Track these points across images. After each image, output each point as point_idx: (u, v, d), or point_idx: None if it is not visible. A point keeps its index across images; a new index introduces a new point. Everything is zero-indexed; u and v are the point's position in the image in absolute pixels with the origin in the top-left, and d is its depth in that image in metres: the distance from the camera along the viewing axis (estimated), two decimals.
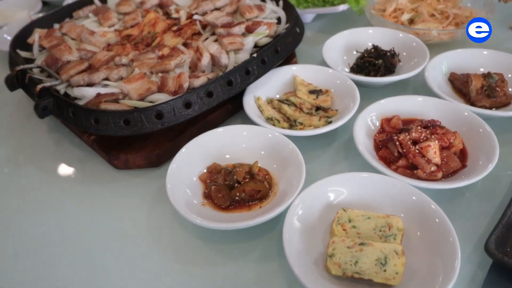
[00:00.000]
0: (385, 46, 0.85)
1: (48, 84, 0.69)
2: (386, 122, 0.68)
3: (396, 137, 0.62)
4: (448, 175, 0.60)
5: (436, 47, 0.86)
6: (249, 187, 0.59)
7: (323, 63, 0.82)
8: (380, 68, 0.81)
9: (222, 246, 0.57)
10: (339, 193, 0.57)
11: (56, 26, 0.92)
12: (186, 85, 0.68)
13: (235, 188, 0.59)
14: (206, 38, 0.85)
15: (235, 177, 0.60)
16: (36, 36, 0.85)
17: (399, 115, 0.68)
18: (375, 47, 0.84)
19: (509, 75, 0.76)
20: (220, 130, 0.67)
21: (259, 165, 0.62)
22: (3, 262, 0.58)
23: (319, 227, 0.55)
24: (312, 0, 0.99)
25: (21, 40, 0.85)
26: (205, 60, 0.73)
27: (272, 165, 0.63)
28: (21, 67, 0.73)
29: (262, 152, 0.65)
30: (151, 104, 0.65)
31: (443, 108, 0.69)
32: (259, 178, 0.60)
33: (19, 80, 0.74)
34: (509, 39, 0.92)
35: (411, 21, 0.96)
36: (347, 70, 0.85)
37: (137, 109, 0.64)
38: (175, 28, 0.90)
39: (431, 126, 0.64)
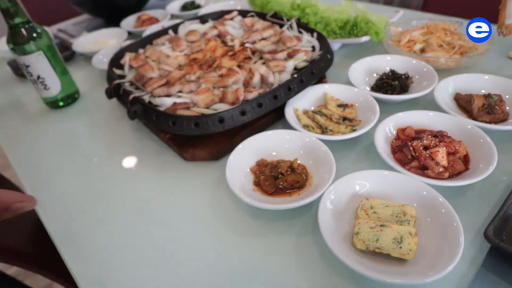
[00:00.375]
0: (400, 70, 0.86)
1: (137, 94, 0.74)
2: (401, 131, 0.69)
3: (410, 143, 0.63)
4: (453, 175, 0.60)
5: (443, 72, 0.86)
6: (290, 178, 0.61)
7: (349, 83, 0.83)
8: (396, 88, 0.81)
9: (268, 222, 0.59)
10: (363, 186, 0.59)
11: (141, 51, 0.98)
12: (241, 98, 0.72)
13: (279, 178, 0.62)
14: (255, 62, 0.89)
15: (279, 170, 0.63)
16: (127, 58, 0.91)
17: (412, 126, 0.69)
18: (392, 71, 0.85)
19: (507, 96, 0.75)
20: (269, 133, 0.70)
21: (298, 161, 0.64)
22: (93, 229, 0.63)
23: (346, 212, 0.56)
24: (340, 33, 1.00)
25: (115, 61, 0.92)
26: (256, 78, 0.77)
27: (309, 162, 0.66)
28: (117, 81, 0.79)
29: (301, 152, 0.67)
30: (215, 112, 0.69)
31: (450, 121, 0.69)
32: (298, 172, 0.63)
33: (115, 91, 0.80)
34: (506, 67, 0.91)
35: (422, 50, 0.95)
36: (368, 89, 0.86)
37: (204, 115, 0.68)
38: (230, 53, 0.94)
39: (439, 136, 0.64)
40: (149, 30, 1.22)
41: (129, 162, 0.77)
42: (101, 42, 1.22)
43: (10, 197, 0.55)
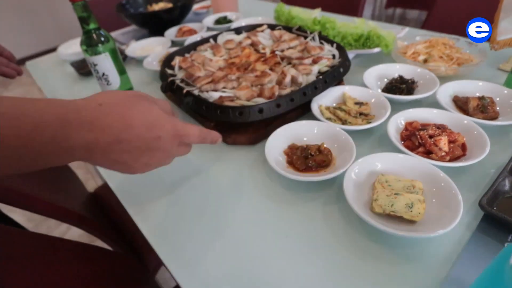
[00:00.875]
0: (407, 76, 0.92)
1: (189, 89, 0.82)
2: (409, 124, 0.76)
3: (417, 133, 0.70)
4: (453, 160, 0.66)
5: (444, 79, 0.92)
6: (318, 158, 0.68)
7: (364, 85, 0.90)
8: (403, 90, 0.88)
9: (298, 193, 0.66)
10: (378, 165, 0.65)
11: (187, 55, 1.07)
12: (276, 94, 0.79)
13: (308, 158, 0.69)
14: (285, 66, 0.96)
15: (309, 151, 0.70)
16: (177, 61, 0.99)
17: (418, 121, 0.76)
18: (400, 76, 0.92)
19: (497, 99, 0.81)
20: (301, 122, 0.77)
21: (325, 145, 0.71)
22: (163, 200, 0.70)
23: (365, 185, 0.63)
24: (355, 44, 1.07)
25: (167, 63, 1.00)
26: (288, 78, 0.84)
27: (333, 146, 0.72)
28: (172, 78, 0.87)
29: (326, 138, 0.74)
30: (255, 104, 0.77)
31: (450, 117, 0.75)
32: (325, 153, 0.70)
33: (169, 86, 0.88)
34: (497, 76, 0.96)
35: (425, 61, 1.01)
36: (380, 90, 0.92)
37: (246, 106, 0.76)
38: (263, 59, 1.02)
39: (441, 128, 0.71)
40: (190, 39, 1.31)
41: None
42: (148, 49, 1.31)
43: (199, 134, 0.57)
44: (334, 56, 0.97)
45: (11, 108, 0.36)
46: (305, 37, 1.07)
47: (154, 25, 1.49)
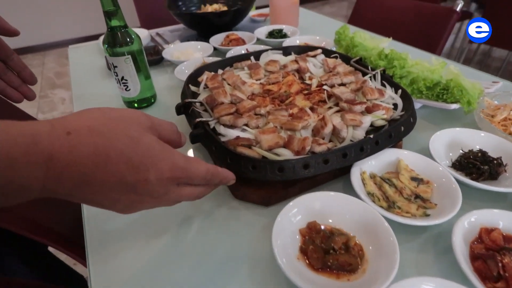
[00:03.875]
0: (492, 152, 0.68)
1: (204, 119, 0.66)
2: (486, 232, 0.52)
3: (499, 258, 0.47)
4: None
5: None
6: (342, 258, 0.48)
7: (428, 153, 0.68)
8: (484, 173, 0.64)
9: None
10: None
11: (220, 71, 0.92)
12: (308, 148, 0.60)
13: (329, 253, 0.50)
14: (329, 107, 0.77)
15: (332, 244, 0.50)
16: (205, 77, 0.84)
17: (500, 229, 0.52)
18: (482, 152, 0.67)
19: None
20: (330, 194, 0.58)
21: (356, 240, 0.51)
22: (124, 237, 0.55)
23: None
24: (426, 93, 0.84)
25: (193, 77, 0.86)
26: (328, 129, 0.64)
27: (367, 239, 0.52)
28: (188, 100, 0.72)
29: (360, 226, 0.54)
30: (276, 159, 0.59)
31: None
32: (353, 253, 0.49)
33: (185, 108, 0.73)
34: None
35: None
36: (449, 164, 0.69)
37: (264, 159, 0.58)
38: (306, 92, 0.83)
39: None
40: (234, 50, 1.16)
41: None
42: (187, 53, 1.19)
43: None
44: (395, 106, 0.76)
45: None
46: (364, 73, 0.86)
47: (203, 27, 1.37)
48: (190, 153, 0.77)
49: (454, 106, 0.80)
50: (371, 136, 0.62)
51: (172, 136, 0.45)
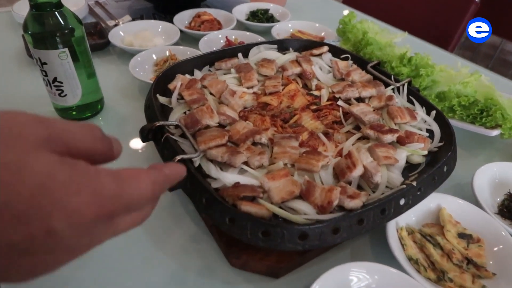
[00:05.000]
0: None
1: (186, 156, 0.55)
2: None
3: None
4: None
5: None
6: None
7: (463, 191, 0.64)
8: None
9: None
10: None
11: (197, 73, 0.80)
12: (335, 203, 0.52)
13: None
14: (348, 131, 0.70)
15: None
16: (178, 83, 0.72)
17: None
18: None
19: None
20: (366, 266, 0.51)
21: None
22: None
23: None
24: (460, 113, 0.80)
25: (161, 83, 0.73)
26: (357, 173, 0.57)
27: None
28: (161, 123, 0.60)
29: None
30: (295, 218, 0.50)
31: None
32: None
33: (154, 133, 0.61)
34: None
35: None
36: (494, 208, 0.66)
37: (279, 223, 0.50)
38: (314, 107, 0.75)
39: None
40: (208, 37, 1.04)
41: (147, 241, 0.58)
42: (144, 37, 1.03)
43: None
44: (431, 132, 0.70)
45: None
46: (386, 84, 0.80)
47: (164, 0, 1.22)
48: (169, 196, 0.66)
49: (496, 132, 0.77)
50: (414, 182, 0.56)
51: (94, 146, 0.32)
